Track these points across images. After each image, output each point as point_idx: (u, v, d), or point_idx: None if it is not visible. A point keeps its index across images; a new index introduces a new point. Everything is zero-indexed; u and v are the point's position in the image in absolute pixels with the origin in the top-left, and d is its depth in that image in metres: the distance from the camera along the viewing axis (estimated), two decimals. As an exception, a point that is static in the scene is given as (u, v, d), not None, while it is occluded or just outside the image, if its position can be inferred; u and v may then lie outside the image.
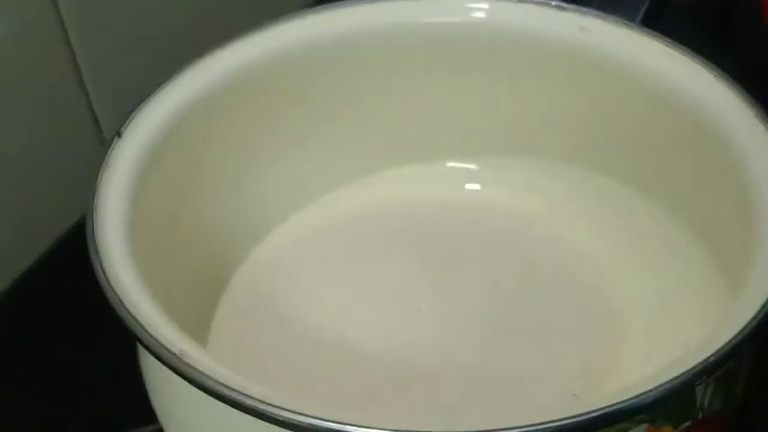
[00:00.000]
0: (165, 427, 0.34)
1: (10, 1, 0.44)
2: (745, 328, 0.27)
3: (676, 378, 0.26)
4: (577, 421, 0.25)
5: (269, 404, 0.25)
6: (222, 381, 0.26)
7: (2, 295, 0.47)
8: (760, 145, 0.34)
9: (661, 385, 0.26)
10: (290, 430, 0.25)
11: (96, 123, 0.51)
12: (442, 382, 0.39)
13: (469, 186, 0.47)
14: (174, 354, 0.27)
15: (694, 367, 0.26)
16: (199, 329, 0.40)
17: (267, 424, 0.26)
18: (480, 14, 0.42)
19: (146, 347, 0.28)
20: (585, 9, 0.41)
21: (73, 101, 0.50)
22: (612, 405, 0.25)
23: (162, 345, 0.28)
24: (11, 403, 0.43)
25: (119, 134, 0.36)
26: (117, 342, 0.43)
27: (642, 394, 0.26)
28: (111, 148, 0.36)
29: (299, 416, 0.25)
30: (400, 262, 0.44)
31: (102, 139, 0.52)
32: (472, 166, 0.47)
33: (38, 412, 0.43)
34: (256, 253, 0.45)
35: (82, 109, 0.50)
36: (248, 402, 0.26)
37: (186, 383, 0.27)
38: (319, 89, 0.44)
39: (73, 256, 0.48)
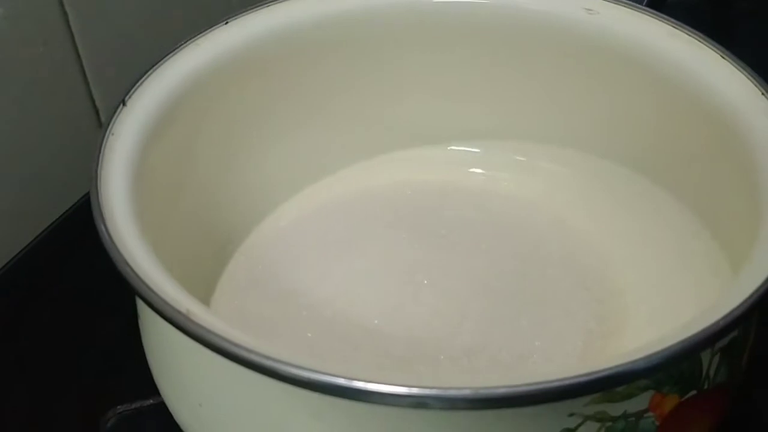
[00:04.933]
0: (164, 392, 0.34)
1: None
2: (751, 296, 0.27)
3: (681, 342, 0.26)
4: (583, 381, 0.25)
5: (280, 361, 0.25)
6: (230, 339, 0.26)
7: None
8: (766, 123, 0.34)
9: (666, 349, 0.26)
10: (298, 386, 0.25)
11: (94, 107, 0.51)
12: (443, 359, 0.39)
13: (472, 169, 0.47)
14: (180, 312, 0.27)
15: (699, 333, 0.26)
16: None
17: (275, 381, 0.25)
18: (487, -6, 0.42)
19: (151, 306, 0.28)
20: (592, -9, 0.41)
21: (72, 85, 0.50)
22: (617, 366, 0.25)
23: (168, 303, 0.27)
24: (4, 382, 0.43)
25: (124, 102, 0.36)
26: (115, 321, 0.44)
27: (647, 357, 0.26)
28: (116, 116, 0.36)
29: (310, 372, 0.25)
30: (402, 241, 0.44)
31: (99, 123, 0.52)
32: (475, 150, 0.47)
33: (32, 391, 0.43)
34: (258, 230, 0.45)
35: (81, 92, 0.50)
36: (258, 359, 0.25)
37: (191, 344, 0.27)
38: (323, 68, 0.44)
39: (70, 238, 0.49)
